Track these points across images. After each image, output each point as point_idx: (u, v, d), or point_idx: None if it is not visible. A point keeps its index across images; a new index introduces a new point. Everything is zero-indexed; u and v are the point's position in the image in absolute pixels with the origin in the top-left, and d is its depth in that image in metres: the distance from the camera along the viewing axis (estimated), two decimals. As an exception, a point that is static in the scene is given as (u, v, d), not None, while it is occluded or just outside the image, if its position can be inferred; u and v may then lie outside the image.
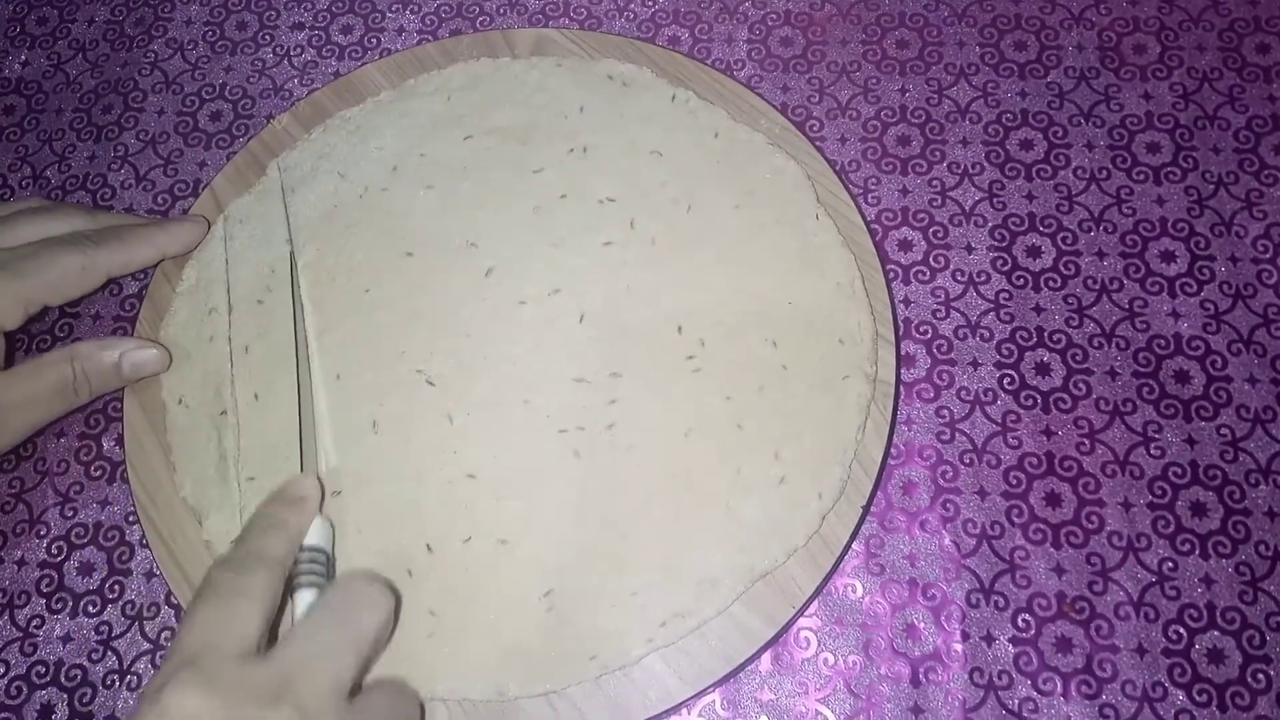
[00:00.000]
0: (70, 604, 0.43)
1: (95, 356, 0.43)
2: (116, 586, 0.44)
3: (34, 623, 0.43)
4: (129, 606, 0.43)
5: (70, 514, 0.45)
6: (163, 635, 0.43)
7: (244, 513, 0.42)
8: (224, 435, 0.43)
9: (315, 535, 0.39)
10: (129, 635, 0.43)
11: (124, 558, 0.44)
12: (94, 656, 0.42)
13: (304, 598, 0.37)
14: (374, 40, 0.55)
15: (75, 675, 0.42)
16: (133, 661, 0.42)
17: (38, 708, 0.42)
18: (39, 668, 0.42)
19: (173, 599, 0.43)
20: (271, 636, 0.35)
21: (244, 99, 0.54)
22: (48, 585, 0.44)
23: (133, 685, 0.42)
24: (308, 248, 0.47)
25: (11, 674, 0.42)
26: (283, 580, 0.36)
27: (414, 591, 0.40)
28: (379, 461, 0.43)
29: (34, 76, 0.56)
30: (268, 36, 0.56)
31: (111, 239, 0.44)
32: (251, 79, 0.55)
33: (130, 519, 0.45)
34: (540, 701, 0.39)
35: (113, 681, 0.42)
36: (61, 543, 0.44)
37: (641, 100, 0.49)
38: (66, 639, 0.43)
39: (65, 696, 0.42)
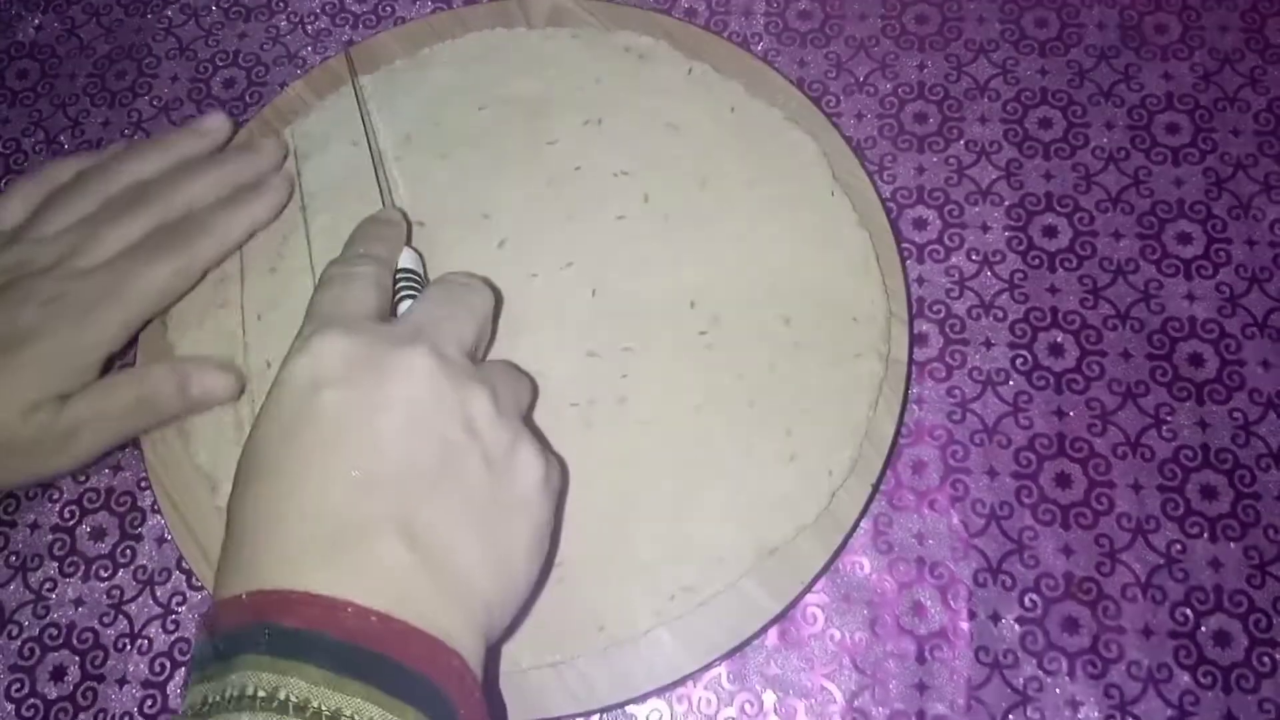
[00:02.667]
0: (82, 568, 0.44)
1: (165, 384, 0.42)
2: (128, 551, 0.44)
3: (46, 586, 0.43)
4: (140, 571, 0.44)
5: (82, 479, 0.45)
6: (173, 600, 0.43)
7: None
8: (240, 403, 0.43)
9: (407, 260, 0.41)
10: (140, 599, 0.43)
11: (135, 523, 0.44)
12: (105, 620, 0.43)
13: (405, 310, 0.39)
14: (388, 9, 0.55)
15: (87, 638, 0.43)
16: (144, 625, 0.43)
17: (50, 670, 0.42)
18: (51, 630, 0.43)
19: (184, 564, 0.43)
20: None
21: (257, 66, 0.54)
22: (60, 549, 0.44)
23: (144, 649, 0.42)
24: (320, 215, 0.47)
25: (24, 636, 0.43)
26: (389, 276, 0.39)
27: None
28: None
29: (47, 40, 0.56)
30: (282, 3, 0.55)
31: (199, 232, 0.43)
32: (265, 46, 0.54)
33: (142, 485, 0.45)
34: (548, 672, 0.39)
35: (124, 645, 0.42)
36: (74, 507, 0.45)
37: (657, 73, 0.49)
38: (79, 602, 0.43)
39: (77, 659, 0.42)
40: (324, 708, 0.27)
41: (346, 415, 0.32)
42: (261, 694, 0.27)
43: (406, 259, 0.41)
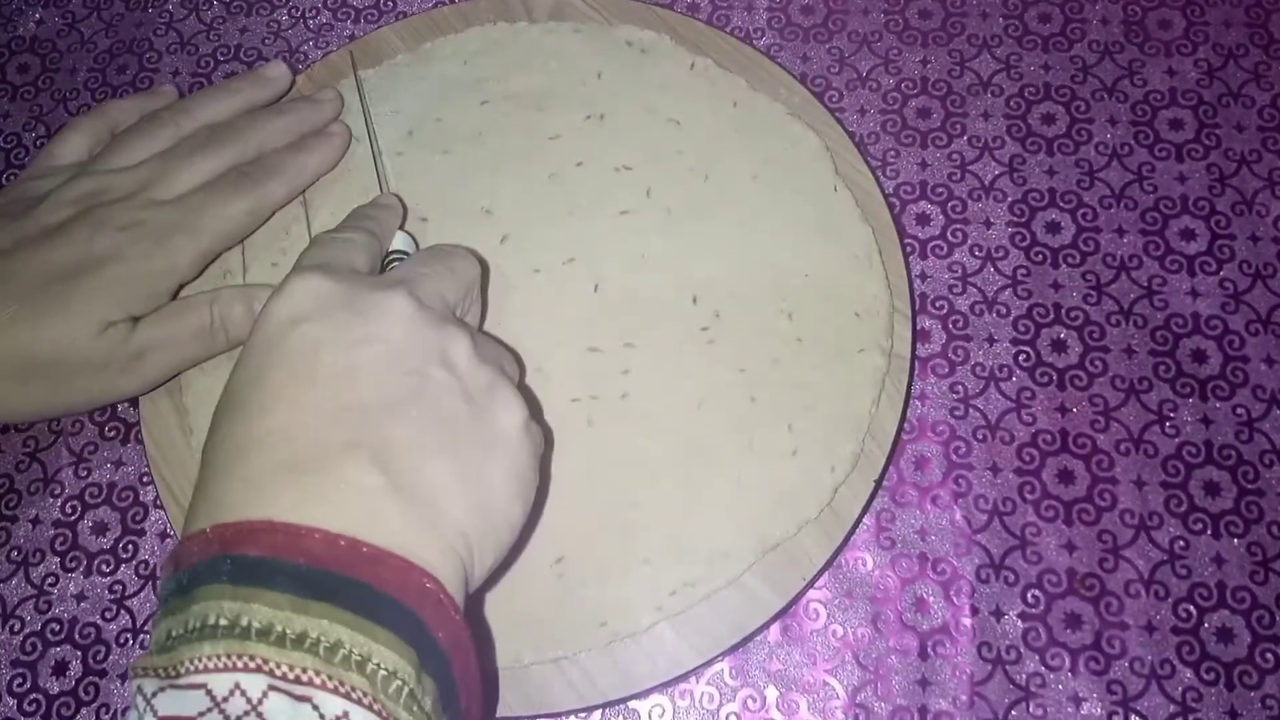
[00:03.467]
0: (84, 563, 0.44)
1: (234, 304, 0.42)
2: (130, 546, 0.44)
3: (48, 581, 0.43)
4: (142, 566, 0.44)
5: (84, 474, 0.45)
6: (176, 595, 0.43)
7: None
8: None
9: (400, 243, 0.42)
10: (142, 594, 0.43)
11: (138, 518, 0.44)
12: (108, 615, 0.43)
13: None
14: (390, 3, 0.54)
15: (89, 633, 0.42)
16: (146, 620, 0.42)
17: (52, 664, 0.42)
18: (53, 625, 0.43)
19: (186, 559, 0.43)
20: None
21: (259, 60, 0.54)
22: (62, 544, 0.44)
23: (146, 644, 0.42)
24: (323, 210, 0.47)
25: (26, 631, 0.43)
26: (379, 249, 0.40)
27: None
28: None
29: (48, 35, 0.56)
30: (283, -3, 0.55)
31: (271, 174, 0.44)
32: (267, 40, 0.54)
33: (144, 480, 0.45)
34: (550, 667, 0.39)
35: (126, 640, 0.42)
36: (76, 502, 0.45)
37: (660, 67, 0.49)
38: (80, 597, 0.43)
39: (79, 654, 0.42)
40: (289, 631, 0.26)
41: (319, 349, 0.31)
42: (224, 622, 0.26)
43: (400, 241, 0.42)
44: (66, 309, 0.39)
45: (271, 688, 0.26)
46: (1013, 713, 0.39)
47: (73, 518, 0.44)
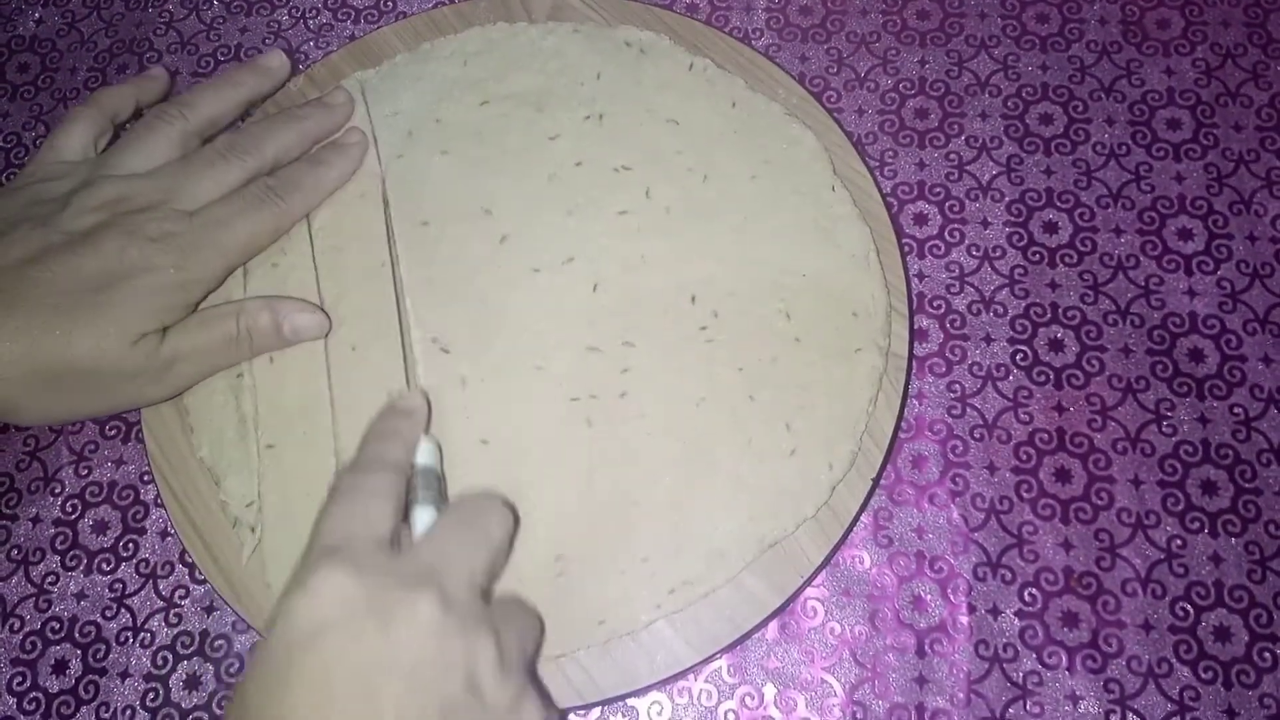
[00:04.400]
0: (84, 561, 0.44)
1: (260, 315, 0.42)
2: (130, 545, 0.44)
3: (48, 579, 0.44)
4: (143, 565, 0.44)
5: (85, 472, 0.45)
6: (176, 594, 0.43)
7: (261, 478, 0.42)
8: (241, 398, 0.43)
9: (425, 456, 0.39)
10: (143, 593, 0.43)
11: (138, 516, 0.44)
12: (108, 614, 0.43)
13: (421, 516, 0.37)
14: (390, 3, 0.55)
15: (89, 632, 0.43)
16: (146, 619, 0.43)
17: (52, 663, 0.42)
18: (53, 624, 0.43)
19: (187, 558, 0.43)
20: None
21: (259, 61, 0.54)
22: (62, 542, 0.44)
23: (146, 642, 0.42)
24: (322, 211, 0.47)
25: (26, 629, 0.43)
26: (403, 484, 0.37)
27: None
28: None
29: (48, 35, 0.56)
30: (283, -2, 0.55)
31: (293, 190, 0.44)
32: (267, 40, 0.54)
33: (145, 478, 0.45)
34: (549, 665, 0.39)
35: (126, 638, 0.42)
36: (76, 501, 0.45)
37: (659, 68, 0.49)
38: (80, 596, 0.43)
39: (79, 653, 0.42)
40: None
41: (342, 674, 0.30)
42: None
43: (425, 455, 0.39)
44: (100, 320, 0.39)
45: None
46: (1010, 711, 0.39)
47: (73, 516, 0.45)
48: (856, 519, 0.41)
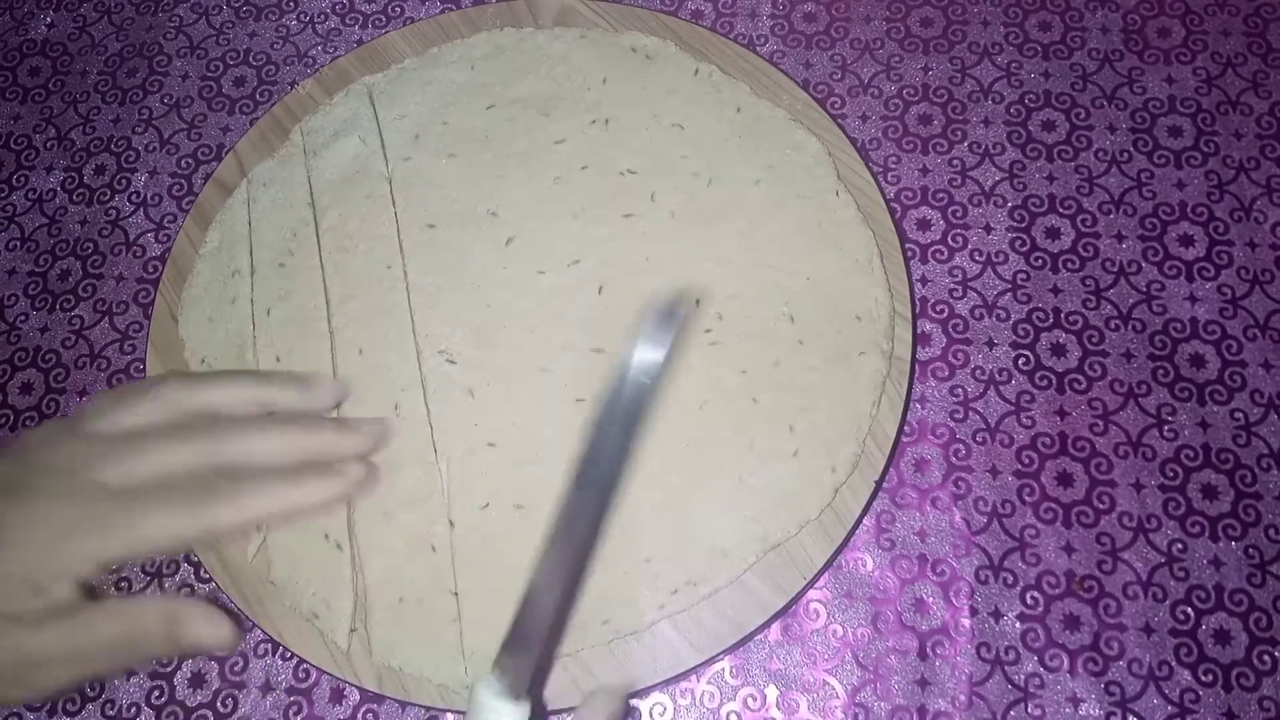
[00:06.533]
0: (91, 559, 0.44)
1: (154, 623, 0.34)
2: (137, 543, 0.44)
3: (55, 577, 0.44)
4: (148, 563, 0.44)
5: (92, 471, 0.46)
6: (182, 592, 0.43)
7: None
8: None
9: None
10: (149, 591, 0.43)
11: (144, 515, 0.45)
12: (114, 611, 0.43)
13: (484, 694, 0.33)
14: (398, 9, 0.55)
15: (95, 629, 0.43)
16: (152, 617, 0.43)
17: (59, 659, 0.42)
18: (60, 621, 0.43)
19: (192, 556, 0.43)
20: None
21: (268, 65, 0.54)
22: (69, 540, 0.44)
23: (152, 640, 0.42)
24: (330, 212, 0.47)
25: (33, 626, 0.43)
26: None
27: (436, 568, 0.41)
28: (403, 444, 0.42)
29: (59, 39, 0.56)
30: (292, 3, 0.56)
31: (229, 497, 0.35)
32: (275, 45, 0.55)
33: (151, 477, 0.45)
34: (554, 665, 0.39)
35: (132, 636, 0.43)
36: (83, 499, 0.45)
37: (664, 73, 0.49)
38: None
39: (86, 649, 0.42)
40: None
41: None
42: None
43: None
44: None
45: None
46: (1011, 713, 0.39)
47: (80, 515, 0.45)
48: (859, 521, 0.41)
